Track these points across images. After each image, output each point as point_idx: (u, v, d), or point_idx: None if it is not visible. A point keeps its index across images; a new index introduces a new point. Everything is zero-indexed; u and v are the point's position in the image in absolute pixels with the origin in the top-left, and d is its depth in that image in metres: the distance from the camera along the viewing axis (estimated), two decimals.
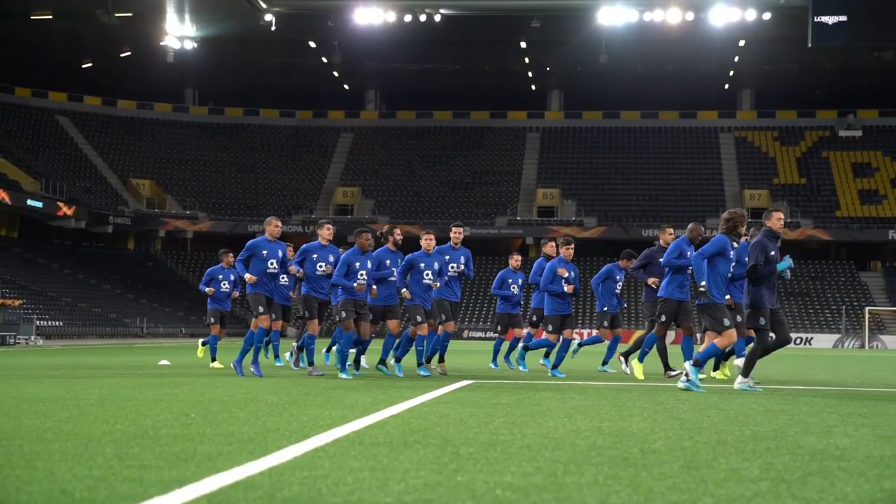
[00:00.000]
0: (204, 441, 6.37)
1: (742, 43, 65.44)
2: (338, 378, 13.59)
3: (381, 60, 71.34)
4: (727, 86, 76.55)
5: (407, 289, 14.70)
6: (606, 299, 16.63)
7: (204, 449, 6.00)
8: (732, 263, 11.95)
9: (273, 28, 60.67)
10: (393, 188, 73.71)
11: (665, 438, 6.81)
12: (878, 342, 57.71)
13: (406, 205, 71.00)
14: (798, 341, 56.47)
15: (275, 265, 14.21)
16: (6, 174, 60.45)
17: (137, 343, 42.51)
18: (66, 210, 60.67)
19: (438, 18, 60.21)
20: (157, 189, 71.89)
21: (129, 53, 68.79)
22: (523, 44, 67.76)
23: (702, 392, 11.46)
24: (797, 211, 67.56)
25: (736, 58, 69.48)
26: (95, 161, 72.07)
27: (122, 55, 68.97)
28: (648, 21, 59.67)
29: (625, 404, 9.67)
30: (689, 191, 72.44)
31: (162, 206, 70.70)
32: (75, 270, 61.70)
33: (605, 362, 17.07)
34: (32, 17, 62.06)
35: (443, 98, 77.72)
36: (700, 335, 14.16)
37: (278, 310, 15.94)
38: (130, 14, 60.61)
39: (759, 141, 76.09)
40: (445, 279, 14.97)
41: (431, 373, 14.89)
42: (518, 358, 16.94)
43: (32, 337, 38.96)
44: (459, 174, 74.80)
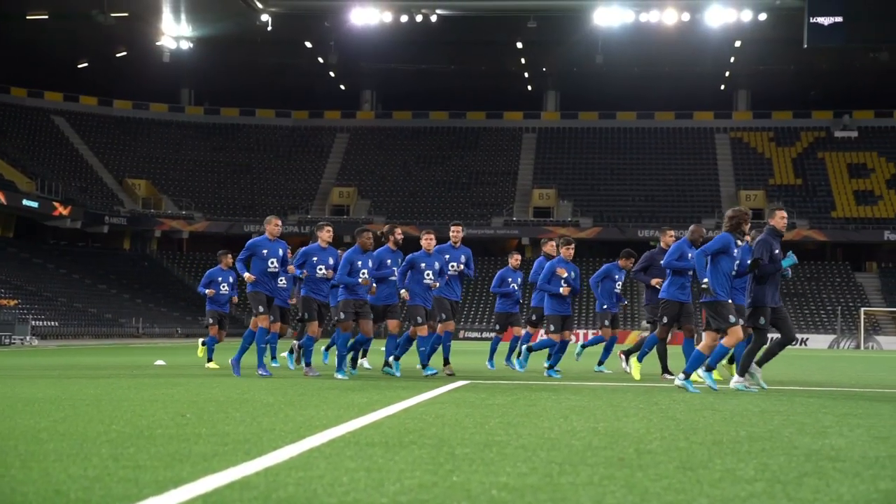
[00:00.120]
0: (199, 441, 6.37)
1: (738, 44, 65.50)
2: (334, 378, 13.60)
3: (378, 61, 71.34)
4: (723, 86, 76.61)
5: (406, 289, 14.68)
6: (606, 298, 16.58)
7: (199, 449, 6.00)
8: (736, 262, 11.92)
9: (269, 28, 60.66)
10: (389, 188, 73.70)
11: (660, 439, 6.81)
12: (874, 343, 57.75)
13: (402, 205, 70.99)
14: (794, 342, 56.48)
15: (275, 264, 14.22)
16: (2, 174, 60.42)
17: (133, 343, 42.48)
18: (62, 210, 60.61)
19: (435, 19, 60.23)
20: (153, 189, 71.83)
21: (125, 53, 68.72)
22: (519, 44, 67.79)
23: (698, 393, 11.48)
24: (793, 212, 67.58)
25: (732, 58, 69.55)
26: (91, 161, 72.00)
27: (118, 55, 68.90)
28: (644, 22, 59.74)
29: (620, 405, 9.67)
30: (685, 191, 72.50)
31: (158, 207, 70.65)
32: (71, 270, 61.65)
33: (602, 362, 17.06)
34: (28, 17, 62.01)
35: (439, 98, 77.72)
36: (697, 336, 14.18)
37: (276, 312, 15.88)
38: (126, 14, 60.55)
39: (755, 141, 76.15)
40: (446, 278, 14.96)
41: (439, 371, 14.90)
42: (522, 359, 16.77)
43: (28, 337, 38.91)
44: (455, 174, 74.80)
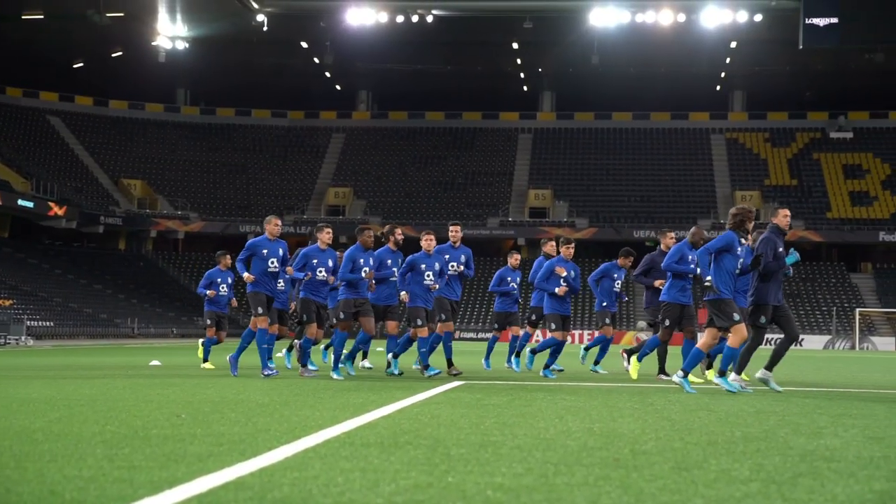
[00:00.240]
0: (194, 442, 6.36)
1: (733, 44, 65.56)
2: (330, 377, 13.60)
3: (373, 61, 71.33)
4: (718, 87, 76.67)
5: (407, 292, 14.64)
6: (605, 297, 16.51)
7: (194, 450, 6.00)
8: (740, 260, 11.87)
9: (265, 28, 60.62)
10: (385, 189, 73.69)
11: (656, 439, 6.81)
12: (869, 343, 57.83)
13: (398, 205, 70.99)
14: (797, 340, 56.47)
15: (275, 264, 14.20)
16: None
17: (128, 343, 42.44)
18: (57, 210, 60.53)
19: (430, 19, 60.21)
20: (149, 189, 71.78)
21: (121, 53, 68.67)
22: (515, 45, 67.81)
23: (693, 393, 11.50)
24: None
25: (727, 59, 69.61)
26: (87, 161, 71.93)
27: (114, 55, 68.85)
28: (640, 22, 59.77)
29: (616, 405, 9.67)
30: (681, 192, 72.54)
31: (153, 207, 70.60)
32: (66, 270, 61.58)
33: (598, 362, 17.06)
34: (24, 17, 61.93)
35: (435, 99, 77.72)
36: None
37: (274, 314, 15.82)
38: (122, 14, 60.48)
39: (751, 142, 76.22)
40: (445, 279, 14.94)
41: (443, 372, 14.88)
42: (528, 362, 16.44)
43: (23, 337, 38.85)
44: (451, 175, 74.81)
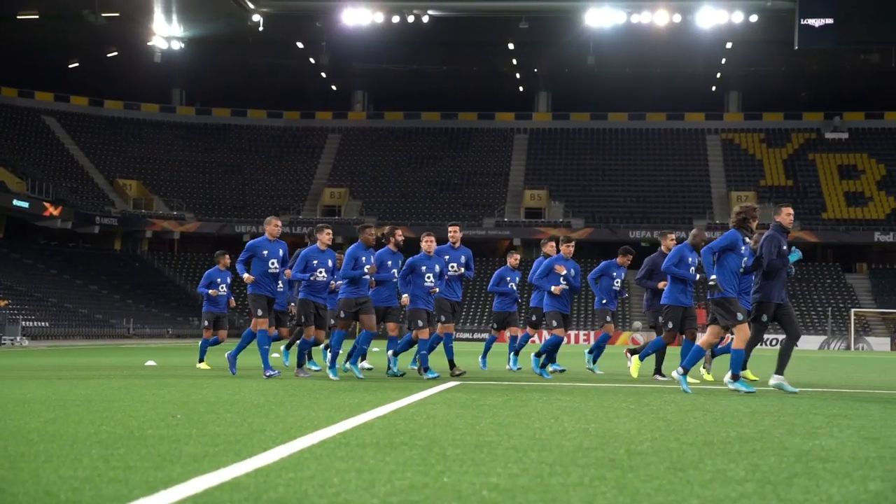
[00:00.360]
0: (190, 442, 6.36)
1: (729, 45, 65.63)
2: (327, 377, 13.60)
3: (369, 61, 71.34)
4: (714, 88, 76.76)
5: (408, 295, 14.57)
6: (605, 295, 16.45)
7: (190, 450, 5.99)
8: (744, 259, 11.81)
9: (261, 29, 60.59)
10: (380, 189, 73.68)
11: (651, 440, 6.81)
12: (864, 344, 57.91)
13: (394, 206, 70.98)
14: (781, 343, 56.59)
15: (276, 265, 14.19)
16: None
17: (124, 344, 42.40)
18: (53, 210, 60.47)
19: (426, 20, 60.22)
20: (144, 189, 71.73)
21: (116, 53, 68.62)
22: (511, 45, 67.84)
23: (690, 392, 11.51)
24: None
25: (723, 60, 69.67)
26: (82, 161, 71.86)
27: (109, 55, 68.79)
28: (636, 23, 59.79)
29: (611, 406, 9.67)
30: (677, 192, 72.60)
31: (149, 207, 70.55)
32: (61, 271, 61.53)
33: (594, 361, 17.03)
34: (19, 17, 61.85)
35: (430, 99, 77.74)
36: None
37: (272, 316, 15.80)
38: (117, 14, 60.45)
39: (746, 143, 76.30)
40: (445, 279, 14.91)
41: (440, 375, 14.85)
42: (535, 367, 15.81)
43: (18, 337, 38.82)
44: (447, 175, 74.82)
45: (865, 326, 60.94)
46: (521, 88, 78.20)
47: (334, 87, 78.02)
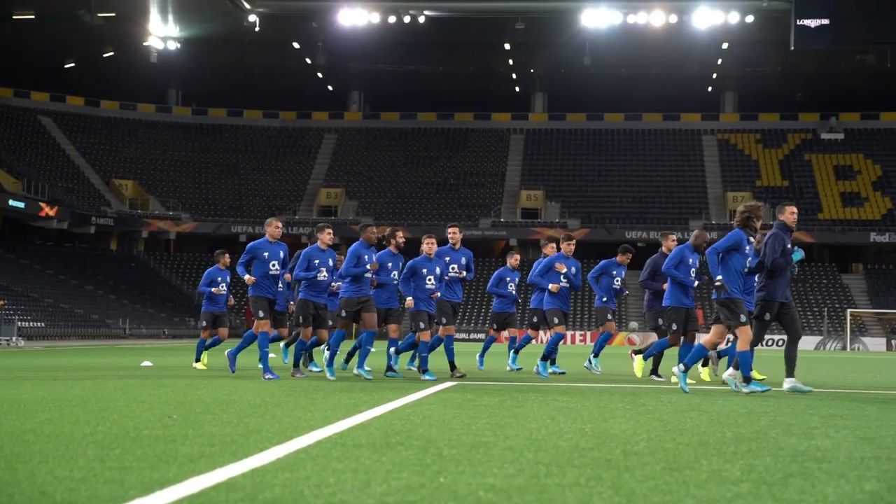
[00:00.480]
0: (186, 442, 6.35)
1: (725, 45, 65.67)
2: (324, 377, 13.60)
3: (365, 61, 71.31)
4: (710, 88, 76.77)
5: (412, 298, 14.48)
6: (605, 293, 16.45)
7: (186, 450, 5.99)
8: (748, 258, 11.74)
9: (257, 29, 60.58)
10: (377, 189, 73.67)
11: (647, 440, 6.82)
12: (860, 344, 57.97)
13: (390, 206, 70.97)
14: (780, 343, 56.69)
15: (276, 267, 14.18)
16: None
17: (120, 344, 42.36)
18: (49, 210, 60.41)
19: (422, 20, 60.23)
20: (140, 190, 71.67)
21: (112, 54, 68.54)
22: (507, 45, 67.85)
23: (687, 391, 11.51)
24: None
25: (719, 60, 69.71)
26: (78, 161, 71.79)
27: (105, 55, 68.72)
28: (632, 23, 59.84)
29: (607, 406, 9.68)
30: (673, 193, 72.64)
31: (145, 207, 70.49)
32: (57, 271, 61.47)
33: (596, 356, 17.03)
34: (15, 17, 61.77)
35: (427, 99, 77.72)
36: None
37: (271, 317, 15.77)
38: (113, 14, 60.37)
39: (742, 143, 76.35)
40: (445, 279, 14.86)
41: (437, 378, 14.83)
42: (541, 370, 15.72)
43: (14, 338, 38.77)
44: (443, 175, 74.82)
45: (861, 327, 61.01)
46: (518, 89, 78.20)
47: (330, 88, 77.98)
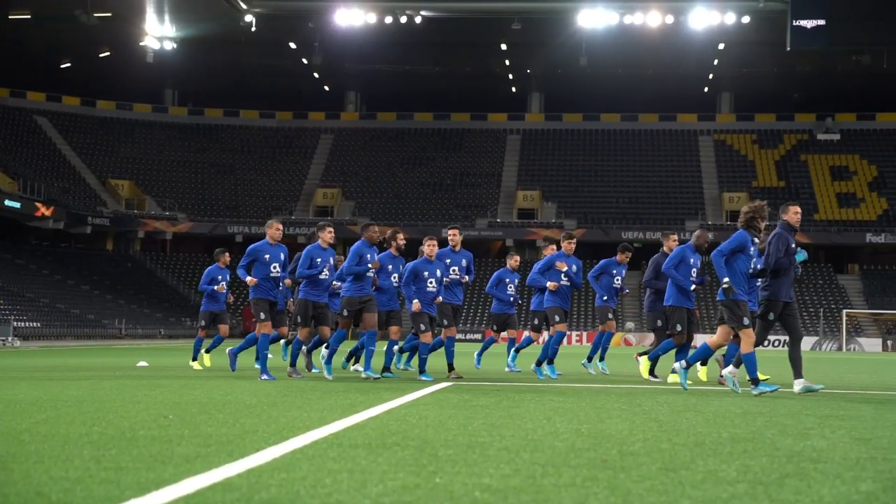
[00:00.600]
0: (182, 443, 6.35)
1: (721, 46, 65.69)
2: (320, 374, 13.60)
3: (362, 62, 71.29)
4: (706, 89, 76.82)
5: (418, 302, 14.35)
6: (605, 292, 16.43)
7: (181, 451, 5.98)
8: (753, 260, 11.65)
9: (253, 29, 60.53)
10: (373, 189, 73.65)
11: (643, 440, 6.82)
12: (856, 344, 58.05)
13: (386, 206, 70.95)
14: (776, 343, 56.74)
15: (277, 269, 14.17)
16: None
17: (116, 344, 42.33)
18: (45, 210, 60.34)
19: (419, 20, 60.21)
20: (136, 190, 71.61)
21: (109, 54, 68.49)
22: (504, 46, 67.84)
23: (686, 388, 11.52)
24: (775, 213, 67.75)
25: (715, 61, 69.74)
26: (74, 161, 71.72)
27: (102, 55, 68.67)
28: (628, 24, 59.86)
29: (603, 406, 9.69)
30: (669, 193, 72.66)
31: (141, 207, 70.43)
32: (53, 271, 61.40)
33: (590, 358, 17.02)
34: (11, 17, 61.72)
35: (423, 99, 77.71)
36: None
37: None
38: (110, 14, 60.33)
39: (738, 144, 76.40)
40: (446, 282, 14.84)
41: (434, 379, 14.81)
42: (549, 373, 15.62)
43: (10, 338, 38.75)
44: (440, 176, 74.81)
45: (857, 327, 61.08)
46: (514, 89, 78.21)
47: (327, 88, 77.96)
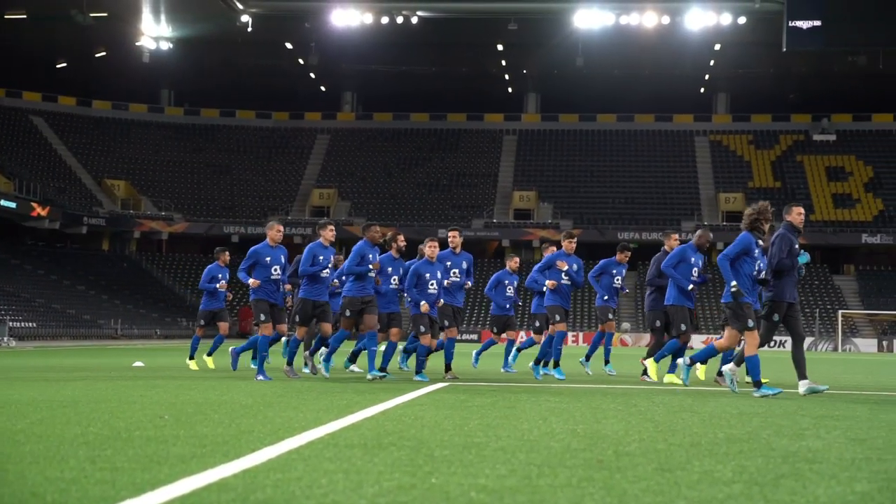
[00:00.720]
0: (177, 443, 6.34)
1: (717, 47, 65.75)
2: (319, 371, 13.60)
3: (358, 62, 71.28)
4: (703, 89, 76.89)
5: (426, 304, 14.27)
6: (605, 292, 16.42)
7: (177, 451, 5.98)
8: (757, 262, 11.59)
9: (249, 29, 60.52)
10: (369, 190, 73.63)
11: (639, 441, 6.82)
12: (851, 345, 58.10)
13: (382, 206, 70.93)
14: (772, 344, 56.80)
15: (278, 271, 14.17)
16: None
17: (111, 344, 42.27)
18: (40, 211, 60.27)
19: (415, 20, 60.22)
20: (132, 190, 71.56)
21: (104, 54, 68.44)
22: (500, 46, 67.86)
23: (687, 384, 11.52)
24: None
25: (711, 62, 69.80)
26: (70, 161, 71.66)
27: (97, 55, 68.62)
28: (625, 24, 59.89)
29: (599, 407, 9.69)
30: (665, 194, 72.70)
31: (137, 207, 70.38)
32: (49, 271, 61.32)
33: (588, 357, 17.02)
34: (6, 17, 61.64)
35: (419, 100, 77.71)
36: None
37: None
38: (106, 14, 60.29)
39: (734, 144, 76.46)
40: (447, 284, 14.81)
41: (430, 379, 14.80)
42: (559, 374, 15.46)
43: (5, 338, 38.68)
44: (436, 176, 74.81)
45: (853, 328, 61.13)
46: (510, 90, 78.24)
47: (323, 88, 77.95)
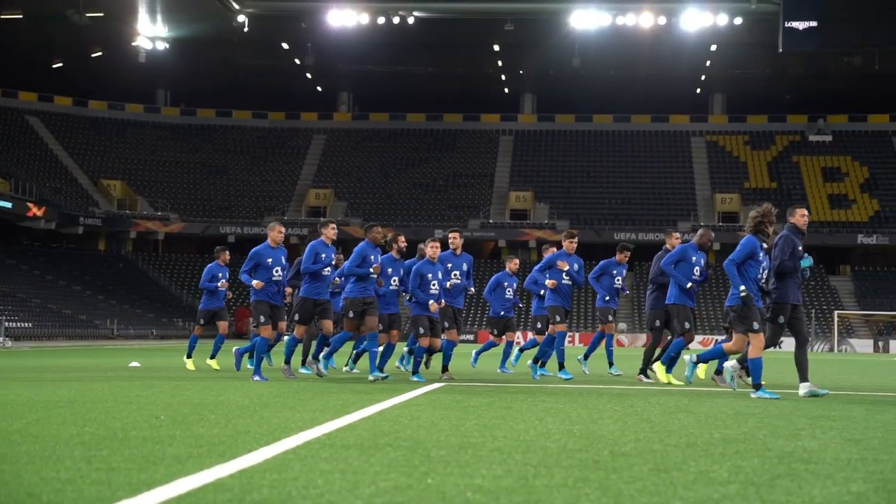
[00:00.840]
0: (173, 443, 6.34)
1: (714, 48, 65.76)
2: (314, 371, 13.60)
3: (355, 62, 71.24)
4: (699, 90, 76.90)
5: (434, 303, 14.19)
6: (606, 293, 16.39)
7: (173, 451, 5.98)
8: (762, 265, 11.53)
9: (246, 29, 60.46)
10: (366, 190, 73.61)
11: (635, 441, 6.83)
12: (847, 346, 58.16)
13: (379, 207, 70.91)
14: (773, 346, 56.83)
15: (279, 272, 14.15)
16: None
17: (107, 345, 42.24)
18: (36, 211, 60.21)
19: (412, 21, 60.20)
20: (129, 190, 71.49)
21: (101, 54, 68.36)
22: (496, 47, 67.83)
23: (691, 381, 11.53)
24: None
25: (707, 62, 69.81)
26: (66, 161, 71.58)
27: (94, 55, 68.53)
28: (621, 25, 59.89)
29: (595, 407, 9.70)
30: (661, 194, 72.73)
31: (133, 208, 70.32)
32: (45, 271, 61.26)
33: (587, 356, 17.02)
34: (2, 17, 61.54)
35: (416, 100, 77.67)
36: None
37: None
38: (102, 14, 60.21)
39: (731, 145, 76.50)
40: (449, 286, 14.80)
41: (426, 380, 14.81)
42: (565, 374, 15.39)
43: (1, 338, 38.66)
44: (432, 176, 74.80)
45: (849, 328, 61.19)
46: (507, 90, 78.21)
47: (319, 88, 77.88)
